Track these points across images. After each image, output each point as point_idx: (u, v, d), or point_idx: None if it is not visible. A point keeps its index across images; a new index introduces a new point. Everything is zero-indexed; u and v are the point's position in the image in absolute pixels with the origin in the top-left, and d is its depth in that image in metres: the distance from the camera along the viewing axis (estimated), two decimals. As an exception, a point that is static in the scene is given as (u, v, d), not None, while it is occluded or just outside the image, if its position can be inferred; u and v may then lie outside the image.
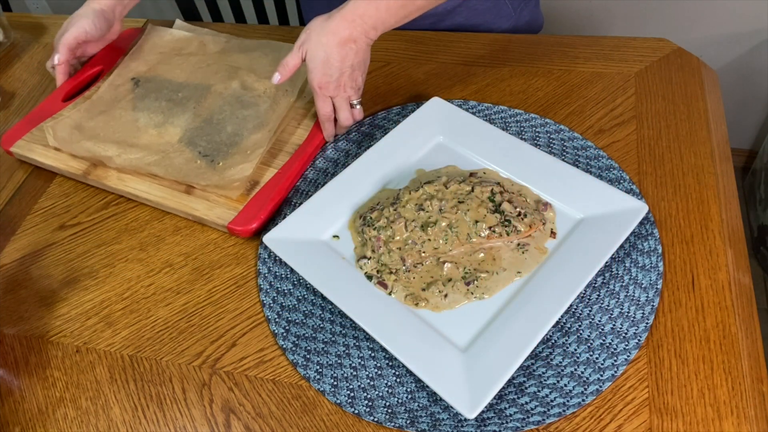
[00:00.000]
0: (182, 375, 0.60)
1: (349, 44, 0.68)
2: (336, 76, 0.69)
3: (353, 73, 0.70)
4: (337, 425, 0.55)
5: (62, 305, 0.67)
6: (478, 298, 0.60)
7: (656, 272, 0.60)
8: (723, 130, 0.74)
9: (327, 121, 0.74)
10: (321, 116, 0.73)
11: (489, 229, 0.62)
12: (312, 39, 0.68)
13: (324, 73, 0.69)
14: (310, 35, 0.69)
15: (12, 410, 0.60)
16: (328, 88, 0.70)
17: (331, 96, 0.71)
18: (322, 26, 0.68)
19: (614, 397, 0.54)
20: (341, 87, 0.71)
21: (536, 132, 0.75)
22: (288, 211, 0.71)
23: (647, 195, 0.67)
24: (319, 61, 0.68)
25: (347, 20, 0.67)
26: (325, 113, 0.73)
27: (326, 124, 0.74)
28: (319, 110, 0.73)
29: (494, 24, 0.95)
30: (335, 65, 0.68)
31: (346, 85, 0.71)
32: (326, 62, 0.68)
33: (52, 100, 0.84)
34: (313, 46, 0.68)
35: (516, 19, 0.96)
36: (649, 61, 0.81)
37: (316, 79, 0.69)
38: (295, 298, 0.63)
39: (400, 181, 0.71)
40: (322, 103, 0.72)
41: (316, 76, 0.69)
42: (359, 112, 0.76)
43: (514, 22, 0.96)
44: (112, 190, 0.75)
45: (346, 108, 0.74)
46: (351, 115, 0.75)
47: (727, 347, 0.55)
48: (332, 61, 0.68)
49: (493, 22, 0.94)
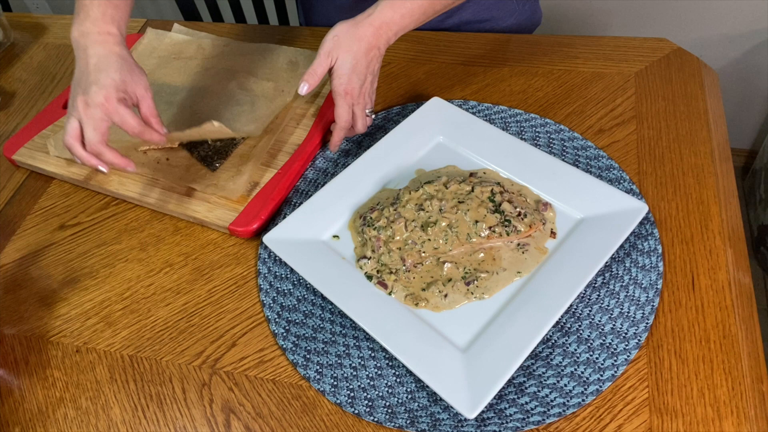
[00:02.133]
0: (182, 375, 0.60)
1: (373, 51, 0.68)
2: (361, 83, 0.68)
3: (373, 80, 0.70)
4: (337, 425, 0.55)
5: (62, 305, 0.67)
6: (478, 298, 0.60)
7: (656, 272, 0.60)
8: (723, 130, 0.74)
9: (345, 127, 0.71)
10: (340, 124, 0.70)
11: (489, 229, 0.62)
12: (342, 46, 0.67)
13: (351, 80, 0.67)
14: (340, 42, 0.67)
15: (12, 410, 0.60)
16: (353, 95, 0.68)
17: (352, 104, 0.70)
18: (351, 33, 0.67)
19: (614, 397, 0.54)
20: (363, 94, 0.70)
21: (536, 132, 0.75)
22: (288, 211, 0.71)
23: (647, 195, 0.67)
24: (348, 67, 0.67)
25: (374, 27, 0.67)
26: (347, 121, 0.70)
27: (342, 132, 0.71)
28: (340, 118, 0.70)
29: (500, 19, 0.95)
30: (362, 72, 0.68)
31: (366, 92, 0.70)
32: (354, 69, 0.67)
33: (53, 107, 0.85)
34: (343, 53, 0.66)
35: (519, 13, 0.97)
36: (649, 61, 0.81)
37: (343, 85, 0.67)
38: (295, 298, 0.63)
39: (400, 181, 0.71)
40: (343, 110, 0.69)
41: (343, 83, 0.67)
42: (371, 120, 0.74)
43: (517, 16, 0.97)
44: (114, 195, 0.75)
45: (364, 116, 0.72)
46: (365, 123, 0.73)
47: (727, 347, 0.55)
48: (359, 68, 0.67)
49: (499, 17, 0.95)
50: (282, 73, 0.85)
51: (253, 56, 0.87)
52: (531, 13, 1.00)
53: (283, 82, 0.83)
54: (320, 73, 0.67)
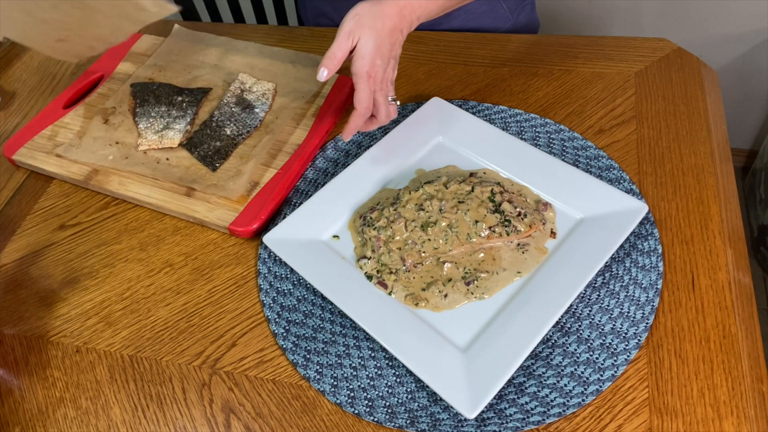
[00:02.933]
0: (182, 375, 0.60)
1: (396, 33, 0.64)
2: (384, 66, 0.64)
3: (395, 66, 0.66)
4: (337, 425, 0.55)
5: (62, 305, 0.67)
6: (478, 298, 0.60)
7: (656, 272, 0.60)
8: (723, 130, 0.74)
9: (365, 114, 0.65)
10: (360, 109, 0.64)
11: (489, 229, 0.62)
12: (365, 24, 0.62)
13: (374, 62, 0.62)
14: (362, 21, 0.62)
15: (12, 410, 0.60)
16: (376, 78, 0.63)
17: (375, 89, 0.64)
18: (373, 11, 0.62)
19: (614, 397, 0.54)
20: (386, 79, 0.65)
21: (536, 132, 0.75)
22: (288, 211, 0.71)
23: (647, 195, 0.67)
24: (371, 47, 0.62)
25: (398, 7, 0.63)
26: (366, 107, 0.64)
27: (360, 119, 0.65)
28: (360, 103, 0.64)
29: (491, 27, 0.95)
30: (385, 54, 0.63)
31: (388, 77, 0.66)
32: (378, 49, 0.62)
33: (53, 107, 0.85)
34: (366, 32, 0.62)
35: (513, 22, 0.96)
36: (649, 61, 0.81)
37: (366, 66, 0.62)
38: (295, 298, 0.63)
39: (400, 181, 0.71)
40: (364, 95, 0.63)
41: (367, 64, 0.62)
42: (395, 110, 0.69)
43: (511, 25, 0.96)
44: (114, 195, 0.75)
45: (387, 104, 0.67)
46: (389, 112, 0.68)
47: (727, 347, 0.55)
48: (383, 49, 0.63)
49: (489, 25, 0.94)
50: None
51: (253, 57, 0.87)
52: (527, 23, 0.99)
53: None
54: (340, 56, 0.62)
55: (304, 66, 0.85)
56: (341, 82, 0.82)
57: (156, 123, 0.79)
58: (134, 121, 0.81)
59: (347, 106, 0.81)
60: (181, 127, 0.78)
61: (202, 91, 0.83)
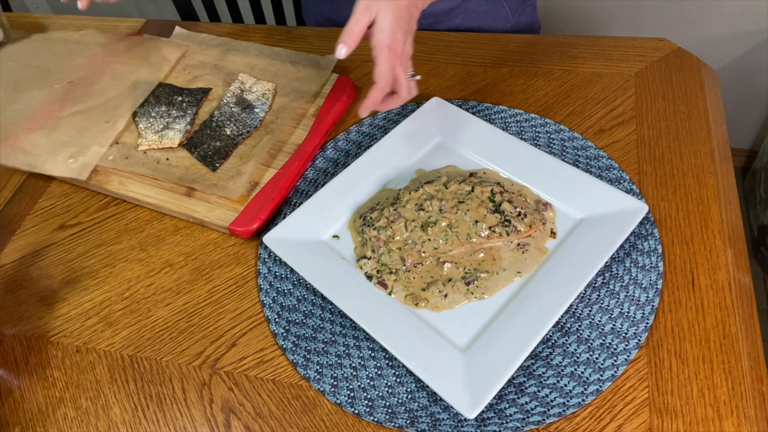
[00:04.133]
0: (182, 375, 0.60)
1: (412, 8, 0.63)
2: (404, 39, 0.62)
3: (412, 40, 0.65)
4: (337, 425, 0.55)
5: (62, 305, 0.67)
6: (478, 298, 0.60)
7: (656, 272, 0.60)
8: (723, 130, 0.74)
9: (384, 89, 0.63)
10: (380, 84, 0.62)
11: (489, 229, 0.62)
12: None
13: (395, 34, 0.61)
14: None
15: (12, 410, 0.60)
16: (397, 51, 0.62)
17: (395, 63, 0.63)
18: None
19: (614, 397, 0.54)
20: (405, 54, 0.64)
21: (536, 132, 0.75)
22: (288, 211, 0.71)
23: (647, 195, 0.67)
24: (391, 19, 0.60)
25: None
26: (387, 79, 0.62)
27: (380, 94, 0.63)
28: (381, 75, 0.62)
29: (491, 27, 0.95)
30: (404, 27, 0.62)
31: (407, 52, 0.64)
32: (398, 22, 0.61)
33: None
34: (384, 5, 0.60)
35: (514, 22, 0.96)
36: (649, 61, 0.81)
37: (387, 39, 0.61)
38: (295, 298, 0.63)
39: (400, 181, 0.71)
40: (385, 69, 0.62)
41: (387, 36, 0.61)
42: (415, 86, 0.67)
43: (512, 25, 0.96)
44: (114, 195, 0.75)
45: (407, 79, 0.65)
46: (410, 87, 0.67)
47: (727, 347, 0.55)
48: (403, 22, 0.61)
49: (490, 26, 0.94)
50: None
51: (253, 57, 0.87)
52: (528, 24, 0.99)
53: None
54: (359, 31, 0.61)
55: (304, 66, 0.85)
56: (341, 82, 0.82)
57: (156, 123, 0.79)
58: (134, 121, 0.81)
59: (348, 106, 0.81)
60: (181, 127, 0.78)
61: (202, 91, 0.83)
